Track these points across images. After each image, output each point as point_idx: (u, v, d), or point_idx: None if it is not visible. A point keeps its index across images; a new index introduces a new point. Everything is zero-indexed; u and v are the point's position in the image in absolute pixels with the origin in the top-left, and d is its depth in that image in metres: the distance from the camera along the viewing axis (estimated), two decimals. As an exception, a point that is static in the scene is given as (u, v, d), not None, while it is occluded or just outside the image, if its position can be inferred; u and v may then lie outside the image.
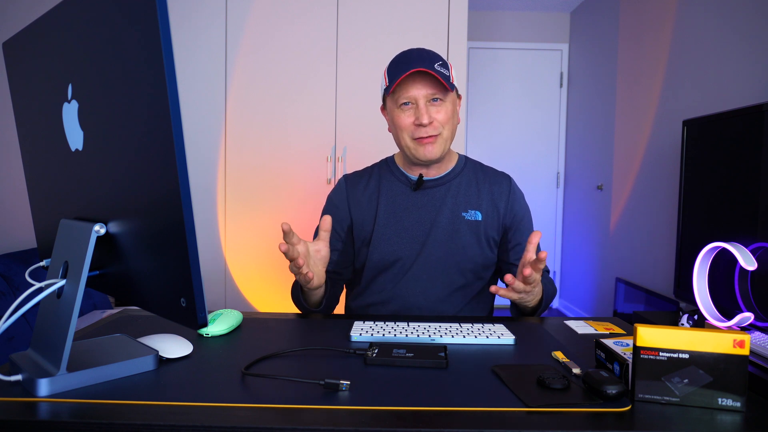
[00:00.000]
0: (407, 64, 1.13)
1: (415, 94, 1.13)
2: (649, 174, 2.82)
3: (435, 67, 1.12)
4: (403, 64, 1.13)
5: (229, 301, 2.58)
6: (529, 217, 1.28)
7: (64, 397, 0.66)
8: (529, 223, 1.27)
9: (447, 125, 1.16)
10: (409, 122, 1.15)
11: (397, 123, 1.17)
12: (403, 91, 1.14)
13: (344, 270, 1.26)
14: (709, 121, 1.82)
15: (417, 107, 1.14)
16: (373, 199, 1.25)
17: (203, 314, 0.60)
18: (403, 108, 1.16)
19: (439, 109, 1.15)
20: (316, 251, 1.04)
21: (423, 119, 1.13)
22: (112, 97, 0.65)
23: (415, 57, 1.14)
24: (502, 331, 0.95)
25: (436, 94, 1.14)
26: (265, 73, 2.54)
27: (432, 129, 1.14)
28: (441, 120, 1.15)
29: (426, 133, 1.14)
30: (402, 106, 1.15)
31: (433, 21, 2.53)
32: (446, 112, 1.15)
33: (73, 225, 0.74)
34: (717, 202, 1.76)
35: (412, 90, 1.13)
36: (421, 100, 1.14)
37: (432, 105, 1.15)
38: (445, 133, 1.16)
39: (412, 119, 1.15)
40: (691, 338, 0.64)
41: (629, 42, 3.10)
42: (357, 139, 2.56)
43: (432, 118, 1.14)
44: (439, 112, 1.15)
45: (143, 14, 0.56)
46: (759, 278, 1.46)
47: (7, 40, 0.86)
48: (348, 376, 0.71)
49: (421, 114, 1.13)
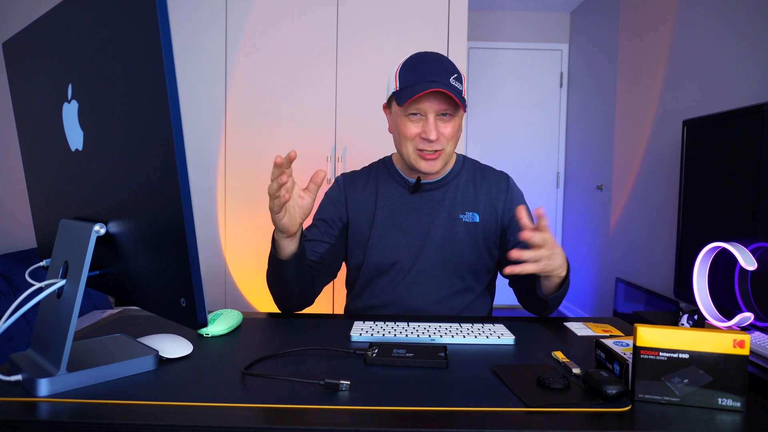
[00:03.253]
0: (423, 76, 1.09)
1: (426, 108, 1.11)
2: (649, 174, 2.82)
3: (450, 81, 1.10)
4: (419, 76, 1.10)
5: (229, 301, 2.58)
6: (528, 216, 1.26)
7: (64, 397, 0.66)
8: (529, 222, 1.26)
9: (452, 141, 1.15)
10: (415, 133, 1.13)
11: (402, 131, 1.14)
12: (413, 103, 1.11)
13: (329, 263, 1.22)
14: (709, 121, 1.82)
15: (426, 121, 1.11)
16: (371, 201, 1.24)
17: (203, 314, 0.60)
18: (410, 117, 1.12)
19: (447, 124, 1.13)
20: (299, 197, 1.00)
21: (431, 135, 1.10)
22: (112, 97, 0.65)
23: (431, 69, 1.11)
24: (502, 331, 0.95)
25: (447, 110, 1.12)
26: (265, 73, 2.54)
27: (437, 144, 1.13)
28: (447, 135, 1.13)
29: (431, 147, 1.12)
30: (410, 115, 1.12)
31: (433, 21, 2.53)
32: (453, 127, 1.14)
33: (73, 225, 0.74)
34: (717, 202, 1.76)
35: (424, 104, 1.10)
36: (431, 115, 1.11)
37: (440, 119, 1.12)
38: (448, 148, 1.15)
39: (419, 131, 1.12)
40: (691, 338, 0.64)
41: (629, 42, 3.10)
42: (357, 139, 2.56)
43: (439, 134, 1.12)
44: (446, 127, 1.13)
45: (143, 14, 0.56)
46: (759, 278, 1.46)
47: (7, 40, 0.86)
48: (348, 376, 0.71)
49: (429, 129, 1.10)
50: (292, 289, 1.11)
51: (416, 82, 1.10)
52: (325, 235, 1.23)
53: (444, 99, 1.11)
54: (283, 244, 1.05)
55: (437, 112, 1.11)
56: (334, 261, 1.24)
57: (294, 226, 1.01)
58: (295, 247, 1.06)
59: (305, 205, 1.00)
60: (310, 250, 1.20)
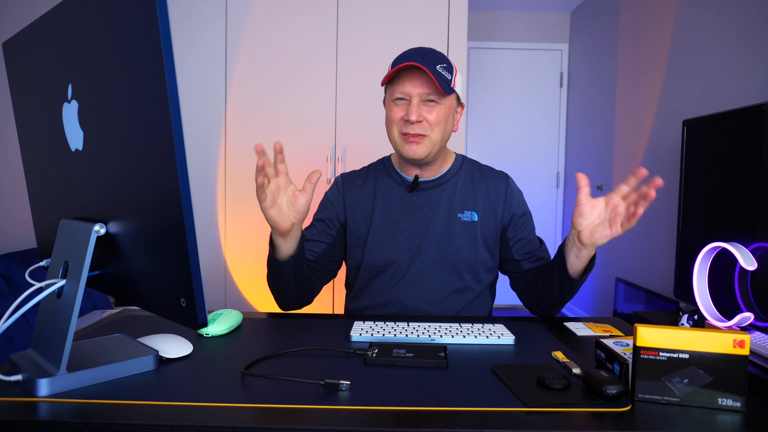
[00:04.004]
0: (407, 59, 1.12)
1: (409, 90, 1.13)
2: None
3: (435, 68, 1.11)
4: (403, 59, 1.13)
5: (229, 301, 2.58)
6: (529, 214, 1.26)
7: (64, 397, 0.66)
8: (530, 220, 1.26)
9: (437, 128, 1.15)
10: (399, 116, 1.15)
11: (388, 115, 1.18)
12: (398, 86, 1.14)
13: (326, 263, 1.23)
14: (709, 121, 1.82)
15: (409, 104, 1.14)
16: (369, 200, 1.24)
17: (203, 314, 0.60)
18: (396, 102, 1.15)
19: (432, 110, 1.14)
20: (293, 195, 1.01)
21: (411, 116, 1.12)
22: (112, 97, 0.65)
23: (417, 54, 1.13)
24: (502, 331, 0.95)
25: (431, 95, 1.13)
26: (265, 72, 2.54)
27: (420, 128, 1.14)
28: (431, 121, 1.14)
29: (413, 130, 1.14)
30: (396, 100, 1.15)
31: (433, 21, 2.53)
32: (438, 114, 1.14)
33: (73, 225, 0.74)
34: (717, 202, 1.76)
35: (407, 86, 1.13)
36: (415, 98, 1.13)
37: (425, 105, 1.14)
38: (433, 136, 1.15)
39: (402, 114, 1.14)
40: (691, 338, 0.64)
41: (629, 42, 3.10)
42: (357, 139, 2.56)
43: (422, 117, 1.13)
44: (430, 112, 1.14)
45: (143, 14, 0.56)
46: (759, 278, 1.46)
47: (7, 40, 0.86)
48: (348, 376, 0.71)
49: (411, 111, 1.12)
50: (290, 289, 1.12)
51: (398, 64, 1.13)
52: (323, 234, 1.24)
53: (427, 82, 1.12)
54: (278, 243, 1.05)
55: (420, 96, 1.13)
56: (331, 261, 1.25)
57: (284, 222, 1.01)
58: (292, 249, 1.06)
59: (300, 204, 1.01)
60: (307, 249, 1.20)
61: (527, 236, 1.24)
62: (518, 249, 1.23)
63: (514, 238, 1.23)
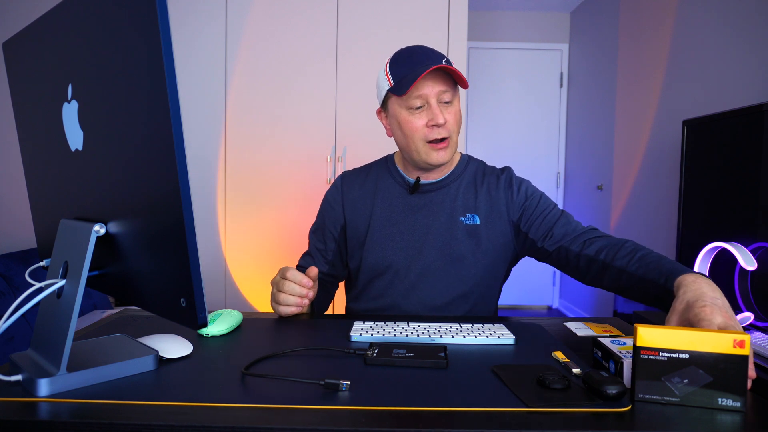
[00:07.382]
0: (416, 62, 1.08)
1: (426, 92, 1.08)
2: (649, 174, 2.82)
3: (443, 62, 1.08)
4: (413, 63, 1.08)
5: (229, 301, 2.58)
6: (539, 196, 1.17)
7: (64, 397, 0.66)
8: (545, 200, 1.16)
9: (456, 129, 1.13)
10: (421, 124, 1.10)
11: (408, 127, 1.11)
12: (413, 91, 1.08)
13: (339, 271, 1.27)
14: (709, 121, 1.82)
15: (429, 107, 1.09)
16: (369, 200, 1.21)
17: (203, 314, 0.60)
18: (412, 112, 1.10)
19: (450, 110, 1.11)
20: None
21: (439, 119, 1.07)
22: (112, 97, 0.65)
23: (421, 54, 1.09)
24: (502, 331, 0.95)
25: (447, 91, 1.09)
26: (265, 72, 2.54)
27: (445, 131, 1.10)
28: (452, 122, 1.11)
29: (440, 135, 1.10)
30: (412, 109, 1.10)
31: (433, 21, 2.53)
32: (456, 114, 1.12)
33: (73, 225, 0.74)
34: (717, 202, 1.76)
35: (424, 88, 1.08)
36: (432, 99, 1.09)
37: (443, 106, 1.10)
38: (454, 137, 1.13)
39: (425, 121, 1.10)
40: (691, 338, 0.64)
41: (629, 42, 3.10)
42: (357, 139, 2.56)
43: (445, 118, 1.10)
44: (450, 113, 1.11)
45: (143, 14, 0.56)
46: (759, 278, 1.46)
47: (7, 40, 0.86)
48: (348, 376, 0.71)
49: (436, 114, 1.08)
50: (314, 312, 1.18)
51: (411, 69, 1.08)
52: (330, 243, 1.25)
53: (443, 79, 1.09)
54: None
55: (437, 96, 1.09)
56: (342, 266, 1.28)
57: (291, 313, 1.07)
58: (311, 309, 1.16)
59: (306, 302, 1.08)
60: (317, 262, 1.25)
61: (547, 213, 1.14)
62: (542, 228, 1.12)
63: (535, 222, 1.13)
